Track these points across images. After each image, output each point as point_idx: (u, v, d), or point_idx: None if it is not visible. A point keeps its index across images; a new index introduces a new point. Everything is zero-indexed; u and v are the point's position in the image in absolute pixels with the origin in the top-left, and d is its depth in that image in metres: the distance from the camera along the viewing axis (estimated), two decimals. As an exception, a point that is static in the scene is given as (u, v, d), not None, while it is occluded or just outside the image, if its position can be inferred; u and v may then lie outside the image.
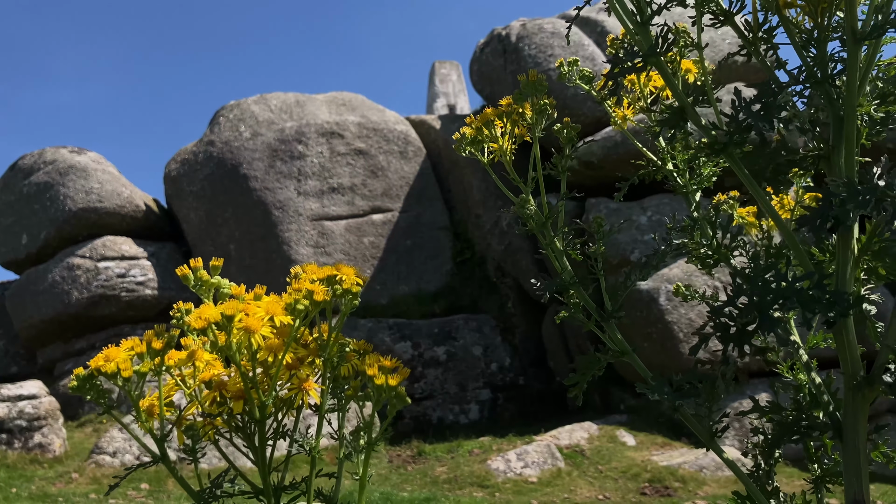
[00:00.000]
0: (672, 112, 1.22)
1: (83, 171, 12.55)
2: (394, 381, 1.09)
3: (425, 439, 9.63)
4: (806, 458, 1.43)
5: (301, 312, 1.04)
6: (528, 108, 1.36)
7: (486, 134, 1.34)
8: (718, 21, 1.23)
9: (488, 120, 1.34)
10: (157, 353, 1.07)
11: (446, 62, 18.85)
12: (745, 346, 1.14)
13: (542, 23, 12.18)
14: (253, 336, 1.01)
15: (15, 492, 7.65)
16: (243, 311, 1.02)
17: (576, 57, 1.69)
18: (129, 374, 1.06)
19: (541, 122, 1.36)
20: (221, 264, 1.23)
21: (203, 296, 1.15)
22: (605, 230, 1.52)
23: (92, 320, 11.74)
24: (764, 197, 1.19)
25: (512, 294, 11.84)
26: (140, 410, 1.07)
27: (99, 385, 1.08)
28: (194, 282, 1.15)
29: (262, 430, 1.09)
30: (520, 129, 1.37)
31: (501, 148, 1.34)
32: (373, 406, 1.09)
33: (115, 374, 1.05)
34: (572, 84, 1.46)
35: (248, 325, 1.01)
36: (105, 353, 1.06)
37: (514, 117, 1.34)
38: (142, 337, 1.14)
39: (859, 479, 1.14)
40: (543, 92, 1.35)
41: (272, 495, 1.15)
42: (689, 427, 1.30)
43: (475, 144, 1.34)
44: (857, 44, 1.12)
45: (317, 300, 1.06)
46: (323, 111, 13.08)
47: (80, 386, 1.07)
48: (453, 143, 1.36)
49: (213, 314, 1.01)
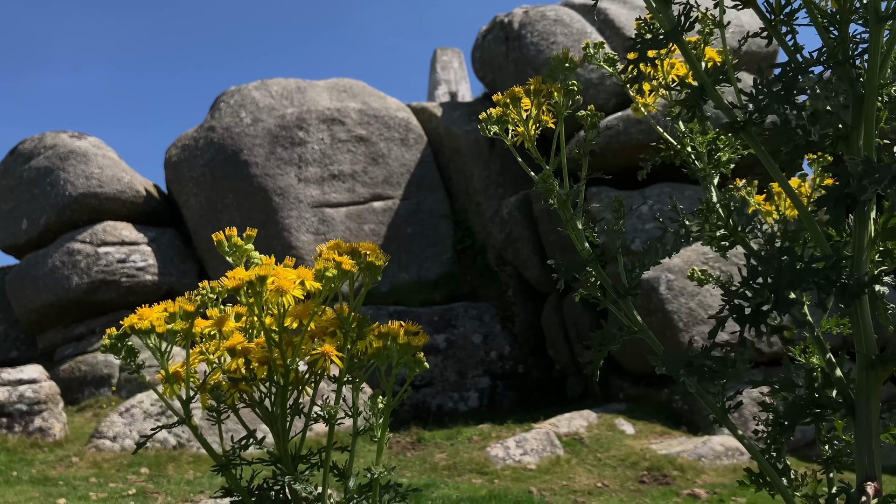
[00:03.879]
0: (692, 91, 1.22)
1: (83, 155, 12.52)
2: (416, 342, 1.11)
3: (425, 426, 9.66)
4: (817, 438, 1.44)
5: (330, 280, 1.06)
6: (557, 88, 1.36)
7: (512, 114, 1.34)
8: (741, 3, 1.23)
9: (516, 97, 1.34)
10: (189, 316, 1.08)
11: (448, 49, 18.80)
12: (760, 327, 1.14)
13: (545, 10, 12.15)
14: (284, 296, 1.03)
15: (15, 475, 7.68)
16: (275, 274, 1.04)
17: (579, 44, 1.69)
18: (163, 329, 1.07)
19: (566, 104, 1.37)
20: (255, 233, 1.26)
21: (235, 262, 1.16)
22: (619, 214, 1.52)
23: (92, 305, 11.75)
24: (782, 176, 1.19)
25: (512, 282, 11.85)
26: (168, 373, 1.08)
27: (130, 345, 1.09)
28: (228, 247, 1.17)
29: (284, 398, 1.11)
30: (546, 110, 1.38)
31: (527, 128, 1.34)
32: (393, 366, 1.10)
33: (150, 330, 1.06)
34: (596, 66, 1.46)
35: (281, 285, 1.03)
36: (139, 312, 1.08)
37: (542, 98, 1.34)
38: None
39: (871, 457, 1.15)
40: (573, 72, 1.35)
41: (290, 463, 1.17)
42: (701, 401, 1.31)
43: (501, 124, 1.34)
44: (879, 23, 1.13)
45: (344, 269, 1.07)
46: (324, 97, 13.05)
47: (114, 345, 1.09)
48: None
49: (247, 274, 1.03)
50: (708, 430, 8.98)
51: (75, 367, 11.08)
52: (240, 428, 1.25)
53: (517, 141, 1.38)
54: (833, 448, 1.49)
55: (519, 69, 11.81)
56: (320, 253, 1.12)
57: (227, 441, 1.20)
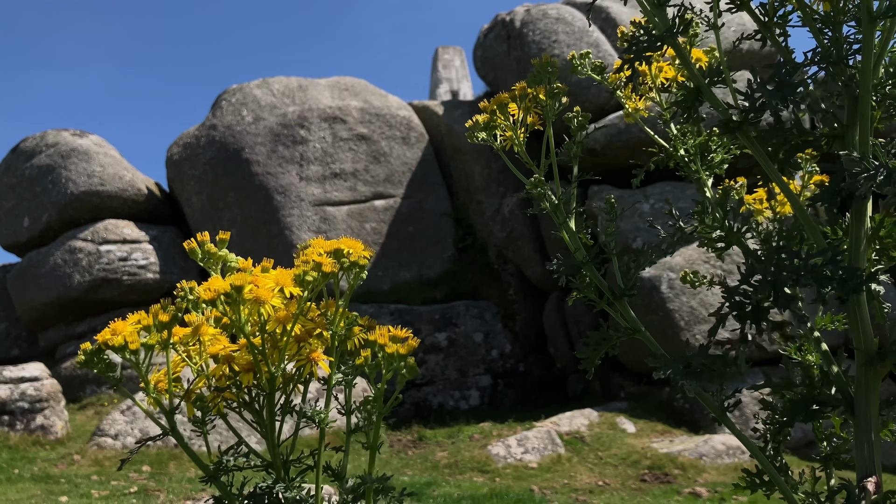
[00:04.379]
0: (687, 93, 1.22)
1: (85, 154, 12.53)
2: (404, 350, 1.09)
3: (426, 424, 9.66)
4: (815, 436, 1.44)
5: (310, 284, 1.04)
6: (542, 92, 1.36)
7: (500, 119, 1.34)
8: (735, 6, 1.23)
9: (502, 103, 1.34)
10: (163, 326, 1.06)
11: (449, 48, 18.78)
12: (761, 323, 1.14)
13: (547, 8, 12.13)
14: (263, 307, 1.00)
15: (17, 473, 7.69)
16: (252, 282, 1.01)
17: (580, 43, 1.69)
18: (137, 346, 1.05)
19: (554, 107, 1.36)
20: (228, 237, 1.23)
21: (211, 269, 1.14)
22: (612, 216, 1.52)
23: (93, 303, 11.76)
24: (778, 175, 1.19)
25: (513, 281, 11.85)
26: (149, 384, 1.06)
27: (107, 359, 1.08)
28: (202, 255, 1.15)
29: (272, 404, 1.09)
30: (533, 114, 1.37)
31: (515, 132, 1.34)
32: (383, 374, 1.09)
33: (123, 347, 1.04)
34: (584, 75, 1.46)
35: (258, 295, 1.00)
36: (112, 327, 1.06)
37: (528, 103, 1.34)
38: (148, 311, 1.13)
39: (871, 453, 1.15)
40: (556, 76, 1.35)
41: (281, 468, 1.16)
42: (701, 401, 1.31)
43: (488, 130, 1.34)
44: (872, 23, 1.12)
45: (325, 272, 1.05)
46: (325, 96, 13.04)
47: (88, 360, 1.07)
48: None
49: (222, 285, 1.01)
50: (709, 429, 8.98)
51: (77, 365, 11.09)
52: (230, 434, 1.24)
53: (506, 145, 1.38)
54: (831, 445, 1.49)
55: (521, 67, 11.79)
56: (297, 255, 1.09)
57: (216, 449, 1.18)
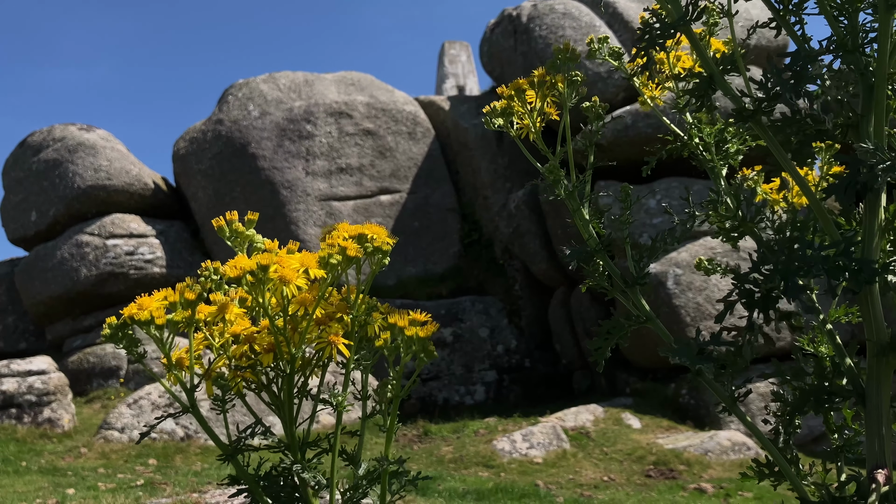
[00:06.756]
0: (701, 81, 1.22)
1: (92, 148, 12.56)
2: (423, 333, 1.10)
3: (431, 419, 9.68)
4: (826, 428, 1.44)
5: (334, 267, 1.05)
6: (560, 79, 1.36)
7: (517, 106, 1.34)
8: (749, -9, 1.23)
9: (520, 89, 1.34)
10: (189, 304, 1.07)
11: (456, 43, 18.76)
12: (769, 312, 1.14)
13: (553, 3, 12.11)
14: (287, 286, 1.01)
15: (25, 465, 7.73)
16: (278, 262, 1.02)
17: (587, 38, 1.68)
18: (163, 321, 1.06)
19: (571, 95, 1.36)
20: (257, 218, 1.24)
21: (237, 248, 1.15)
22: (627, 204, 1.52)
23: (100, 297, 11.79)
24: (792, 165, 1.19)
25: (519, 276, 11.85)
26: (171, 361, 1.07)
27: (131, 333, 1.08)
28: (230, 233, 1.16)
29: (291, 385, 1.10)
30: (550, 102, 1.37)
31: (532, 119, 1.34)
32: (402, 357, 1.10)
33: (149, 321, 1.05)
34: (602, 60, 1.46)
35: (284, 275, 1.01)
36: (139, 302, 1.06)
37: (545, 90, 1.34)
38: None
39: (882, 445, 1.15)
40: (576, 62, 1.35)
41: (297, 450, 1.16)
42: (710, 392, 1.31)
43: (506, 116, 1.34)
44: (888, 11, 1.12)
45: (349, 255, 1.06)
46: (332, 91, 13.05)
47: (114, 334, 1.07)
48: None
49: (248, 263, 1.01)
50: (714, 425, 8.97)
51: (84, 358, 11.13)
52: (247, 416, 1.25)
53: (522, 133, 1.38)
54: (843, 437, 1.49)
55: (527, 62, 11.77)
56: (324, 237, 1.10)
57: (234, 430, 1.19)
